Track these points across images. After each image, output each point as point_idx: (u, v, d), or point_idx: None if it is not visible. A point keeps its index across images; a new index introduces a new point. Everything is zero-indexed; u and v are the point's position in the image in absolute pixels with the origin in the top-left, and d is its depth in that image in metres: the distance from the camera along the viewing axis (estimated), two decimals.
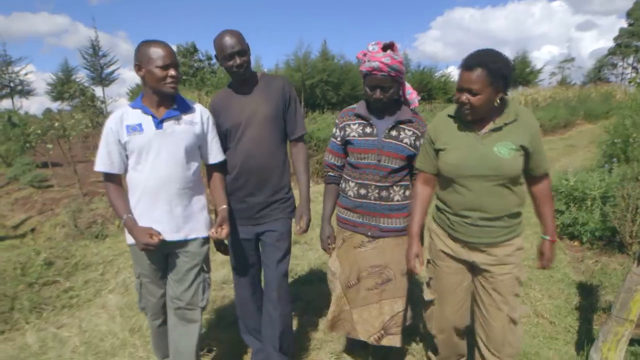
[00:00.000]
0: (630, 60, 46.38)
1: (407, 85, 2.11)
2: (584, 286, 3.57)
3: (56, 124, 7.64)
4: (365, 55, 1.96)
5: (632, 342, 2.55)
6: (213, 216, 2.33)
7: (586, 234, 4.53)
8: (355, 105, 2.17)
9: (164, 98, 2.07)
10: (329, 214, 2.26)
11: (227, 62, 2.15)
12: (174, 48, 2.08)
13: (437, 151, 1.97)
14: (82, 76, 28.29)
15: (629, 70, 45.15)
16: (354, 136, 2.09)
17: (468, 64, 1.75)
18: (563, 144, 13.21)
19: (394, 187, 2.10)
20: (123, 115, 2.06)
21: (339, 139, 2.18)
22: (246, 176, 2.27)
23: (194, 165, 2.16)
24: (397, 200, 2.11)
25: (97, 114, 10.09)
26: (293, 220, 2.40)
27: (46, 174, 8.79)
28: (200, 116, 2.18)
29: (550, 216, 1.98)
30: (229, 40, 2.13)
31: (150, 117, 2.05)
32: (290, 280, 2.94)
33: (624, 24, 47.31)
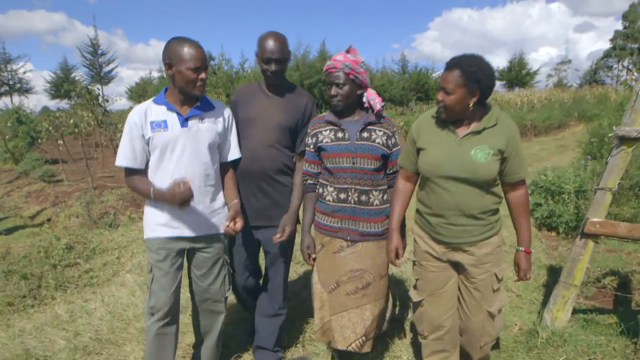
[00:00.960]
0: (626, 62, 46.88)
1: (372, 92, 2.16)
2: (553, 268, 3.99)
3: (71, 121, 7.98)
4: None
5: (585, 311, 2.98)
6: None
7: (562, 225, 4.95)
8: (325, 114, 2.23)
9: (189, 97, 2.08)
10: (309, 224, 2.28)
11: (264, 64, 2.22)
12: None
13: (417, 150, 2.03)
14: (80, 74, 28.55)
15: (624, 72, 45.63)
16: (326, 142, 2.13)
17: (447, 65, 1.84)
18: (555, 144, 13.65)
19: (373, 192, 2.14)
20: (147, 111, 2.05)
21: (311, 146, 2.22)
22: (250, 178, 2.31)
23: (216, 162, 2.20)
24: (377, 205, 2.15)
25: (103, 113, 10.42)
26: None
27: (55, 169, 9.19)
28: (222, 114, 2.21)
29: (526, 226, 2.01)
30: (271, 44, 2.17)
31: (175, 115, 2.06)
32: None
33: (621, 26, 47.73)
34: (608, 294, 3.46)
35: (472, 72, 1.78)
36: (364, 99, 2.12)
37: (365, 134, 2.11)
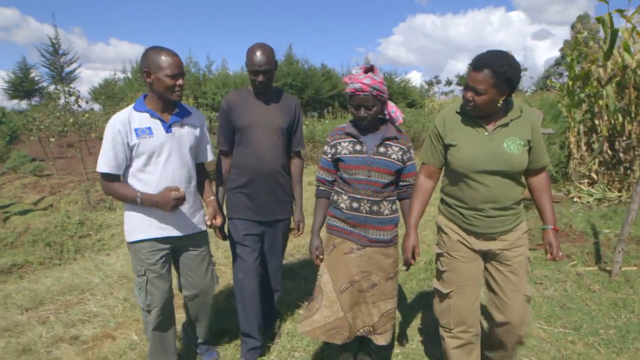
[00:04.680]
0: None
1: (391, 104, 2.21)
2: None
3: (70, 120, 8.80)
4: (350, 79, 2.10)
5: None
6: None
7: None
8: (344, 125, 2.28)
9: (168, 103, 2.17)
10: (319, 226, 2.31)
11: (252, 75, 2.34)
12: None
13: (446, 147, 2.03)
14: (37, 73, 28.01)
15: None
16: (345, 153, 2.17)
17: (476, 64, 1.81)
18: None
19: (384, 202, 2.18)
20: (130, 118, 2.09)
21: (329, 156, 2.26)
22: (258, 178, 2.44)
23: (194, 165, 2.34)
24: (386, 214, 2.19)
25: (82, 113, 11.15)
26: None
27: (44, 165, 9.95)
28: (199, 119, 2.34)
29: (550, 206, 2.03)
30: (258, 57, 2.28)
31: (158, 121, 2.13)
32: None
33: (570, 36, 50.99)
34: None
35: (503, 71, 1.76)
36: (385, 111, 2.20)
37: (382, 149, 2.15)
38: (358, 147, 2.16)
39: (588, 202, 5.86)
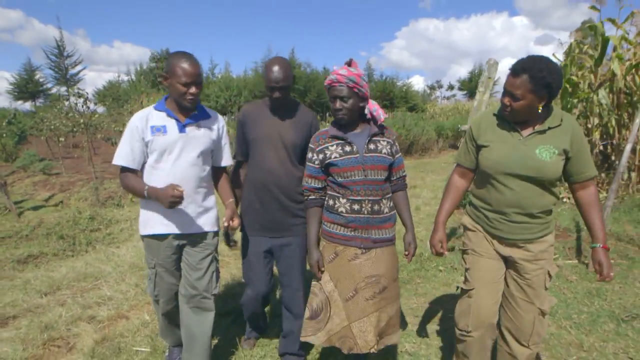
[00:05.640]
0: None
1: (373, 103, 2.18)
2: None
3: (81, 120, 9.12)
4: (330, 73, 2.12)
5: None
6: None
7: None
8: (326, 129, 2.23)
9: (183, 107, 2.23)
10: (315, 238, 2.25)
11: (269, 91, 2.33)
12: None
13: (478, 147, 2.01)
14: (42, 75, 28.56)
15: None
16: (335, 157, 2.12)
17: (515, 69, 1.77)
18: None
19: (383, 200, 2.16)
20: (148, 116, 2.20)
21: (316, 162, 2.19)
22: (269, 192, 2.39)
23: (208, 167, 2.35)
24: (386, 212, 2.17)
25: (91, 114, 11.47)
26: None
27: (53, 164, 10.27)
28: (217, 123, 2.37)
29: (599, 223, 1.92)
30: (275, 74, 2.27)
31: (174, 121, 2.21)
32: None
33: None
34: None
35: (542, 77, 1.72)
36: (366, 111, 2.16)
37: (372, 146, 2.14)
38: (348, 148, 2.12)
39: None
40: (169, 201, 2.04)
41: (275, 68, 2.27)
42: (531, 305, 1.98)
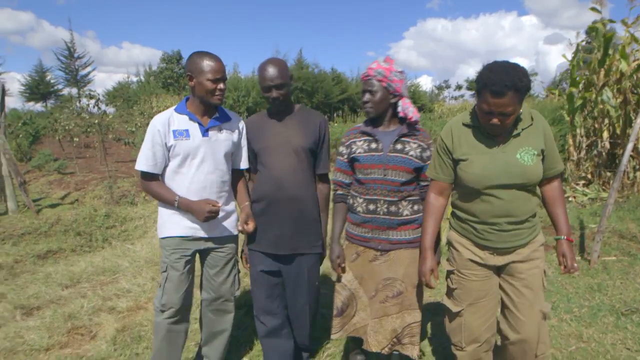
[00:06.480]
0: None
1: (408, 102, 2.11)
2: None
3: (96, 121, 9.35)
4: None
5: None
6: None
7: None
8: (359, 124, 2.22)
9: (209, 107, 2.19)
10: (338, 233, 2.23)
11: (265, 92, 2.19)
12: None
13: (455, 161, 1.93)
14: (52, 77, 28.88)
15: None
16: (360, 152, 2.11)
17: (497, 91, 1.65)
18: None
19: (403, 202, 2.09)
20: (170, 119, 2.14)
21: (345, 156, 2.19)
22: (276, 205, 2.24)
23: (229, 170, 2.31)
24: (406, 215, 2.10)
25: (102, 115, 11.69)
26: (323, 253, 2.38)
27: (67, 163, 10.50)
28: (237, 125, 2.32)
29: (564, 216, 1.94)
30: (269, 72, 2.14)
31: (196, 125, 2.16)
32: None
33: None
34: None
35: (524, 85, 1.66)
36: (399, 109, 2.09)
37: (398, 146, 2.08)
38: (373, 145, 2.10)
39: (582, 202, 6.19)
40: (205, 217, 2.07)
41: (270, 66, 2.17)
42: (532, 309, 1.91)
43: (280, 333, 2.41)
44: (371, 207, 2.09)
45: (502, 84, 1.63)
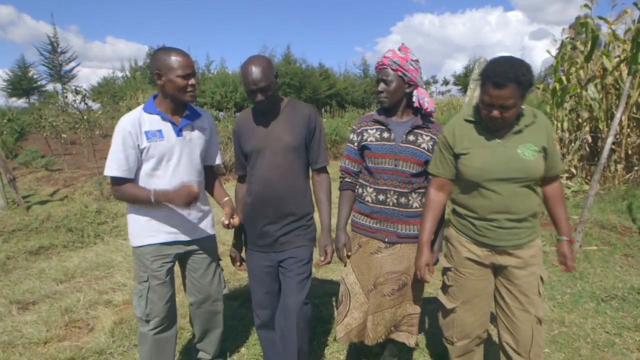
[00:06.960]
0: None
1: (424, 92, 2.07)
2: None
3: (84, 117, 9.30)
4: None
5: None
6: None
7: None
8: (372, 112, 2.18)
9: (179, 105, 2.10)
10: (345, 221, 2.20)
11: (250, 95, 2.09)
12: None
13: (456, 156, 1.93)
14: (35, 72, 28.58)
15: None
16: (371, 141, 2.08)
17: (498, 82, 1.67)
18: None
19: (413, 194, 2.08)
20: (140, 120, 2.03)
21: (355, 144, 2.16)
22: (265, 205, 2.20)
23: (203, 168, 2.27)
24: (416, 207, 2.09)
25: (89, 111, 11.62)
26: (314, 247, 2.32)
27: (55, 160, 10.43)
28: (208, 121, 2.26)
29: (564, 216, 1.98)
30: (253, 75, 2.02)
31: (169, 124, 2.07)
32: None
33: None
34: None
35: (527, 79, 1.67)
36: (414, 99, 2.06)
37: (411, 137, 2.05)
38: (386, 135, 2.07)
39: (566, 194, 6.37)
40: (185, 201, 1.96)
41: (252, 68, 2.02)
42: (527, 314, 1.94)
43: (269, 314, 2.38)
44: (381, 197, 2.08)
45: (503, 75, 1.65)
